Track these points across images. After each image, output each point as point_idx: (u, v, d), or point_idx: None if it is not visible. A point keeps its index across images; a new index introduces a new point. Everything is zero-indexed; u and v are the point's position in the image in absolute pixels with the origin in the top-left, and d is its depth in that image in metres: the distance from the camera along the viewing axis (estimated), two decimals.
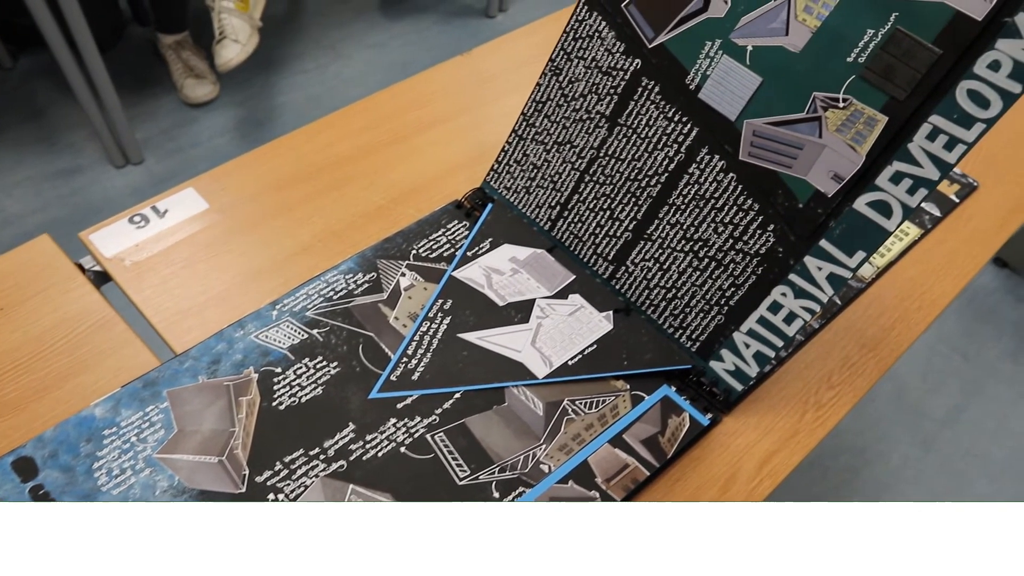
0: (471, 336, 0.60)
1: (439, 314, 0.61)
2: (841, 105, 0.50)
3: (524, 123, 0.68)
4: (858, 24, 0.48)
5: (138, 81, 1.96)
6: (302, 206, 0.71)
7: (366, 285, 0.63)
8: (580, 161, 0.64)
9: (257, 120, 1.92)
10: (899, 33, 0.47)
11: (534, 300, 0.63)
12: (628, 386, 0.58)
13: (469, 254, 0.65)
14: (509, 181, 0.69)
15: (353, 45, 2.18)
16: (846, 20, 0.49)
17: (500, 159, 0.70)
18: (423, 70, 0.86)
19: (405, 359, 0.58)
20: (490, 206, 0.69)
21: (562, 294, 0.63)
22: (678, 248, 0.60)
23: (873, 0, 0.47)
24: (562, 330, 0.61)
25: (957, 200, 0.76)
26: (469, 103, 0.83)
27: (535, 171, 0.68)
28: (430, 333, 0.60)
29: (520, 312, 0.62)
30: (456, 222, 0.68)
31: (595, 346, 0.60)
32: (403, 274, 0.64)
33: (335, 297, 0.62)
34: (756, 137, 0.54)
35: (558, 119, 0.65)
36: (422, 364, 0.58)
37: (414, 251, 0.66)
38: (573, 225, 0.66)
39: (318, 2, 2.32)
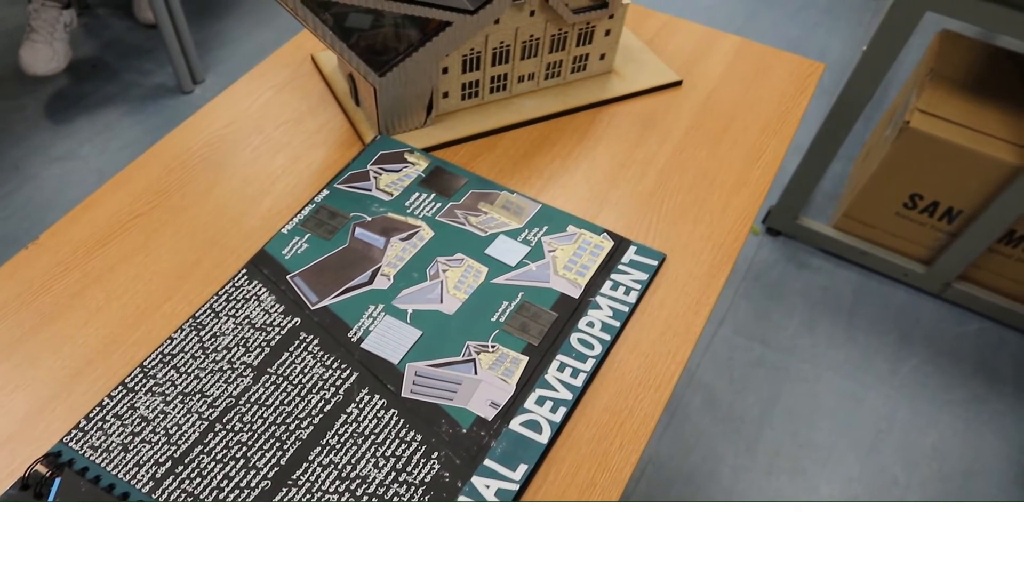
0: None
1: None
2: (491, 349, 0.61)
3: (141, 374, 0.59)
4: (496, 299, 0.64)
5: None
6: None
7: None
8: (211, 411, 0.57)
9: None
10: (527, 303, 0.64)
11: None
12: None
13: None
14: (101, 439, 0.55)
15: (38, 161, 1.88)
16: (486, 297, 0.64)
17: (92, 415, 0.56)
18: (120, 171, 0.69)
19: None
20: (57, 482, 0.52)
21: None
22: (331, 490, 0.54)
23: (505, 285, 0.65)
24: None
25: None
26: (35, 321, 0.63)
27: (143, 424, 0.56)
28: None
29: None
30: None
31: None
32: None
33: None
34: (418, 376, 0.59)
35: (190, 370, 0.59)
36: None
37: None
38: (188, 481, 0.54)
39: None
